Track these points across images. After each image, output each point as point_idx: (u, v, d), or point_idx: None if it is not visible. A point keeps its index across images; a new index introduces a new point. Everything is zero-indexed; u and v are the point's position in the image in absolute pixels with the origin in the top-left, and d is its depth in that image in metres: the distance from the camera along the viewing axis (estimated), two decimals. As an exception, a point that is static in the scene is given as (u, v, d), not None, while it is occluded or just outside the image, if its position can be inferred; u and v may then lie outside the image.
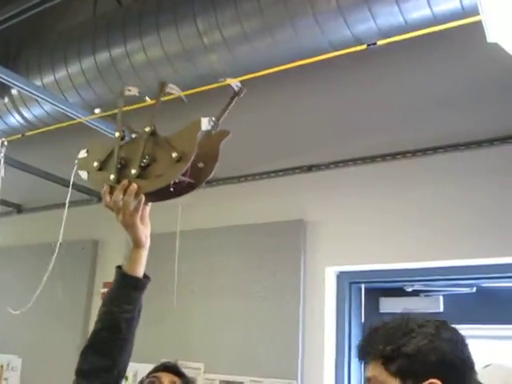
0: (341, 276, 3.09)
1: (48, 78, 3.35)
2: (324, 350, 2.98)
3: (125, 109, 1.72)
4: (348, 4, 2.60)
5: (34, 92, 2.85)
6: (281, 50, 2.83)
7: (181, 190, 1.55)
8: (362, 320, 3.15)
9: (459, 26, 2.45)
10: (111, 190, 1.50)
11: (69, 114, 2.99)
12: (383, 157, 3.04)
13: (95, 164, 1.60)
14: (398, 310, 3.11)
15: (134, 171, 1.51)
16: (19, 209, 4.46)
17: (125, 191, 1.48)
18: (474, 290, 2.95)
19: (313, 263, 3.07)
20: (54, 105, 2.90)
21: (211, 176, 1.57)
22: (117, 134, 1.59)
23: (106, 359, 1.48)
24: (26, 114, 3.56)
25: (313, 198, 3.16)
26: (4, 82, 2.77)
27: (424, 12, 2.54)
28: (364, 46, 2.10)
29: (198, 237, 3.30)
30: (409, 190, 2.98)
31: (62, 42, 3.39)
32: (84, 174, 1.64)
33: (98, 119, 2.98)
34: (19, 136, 3.00)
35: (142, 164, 1.51)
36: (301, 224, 3.12)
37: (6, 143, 2.74)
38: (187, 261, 3.23)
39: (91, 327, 3.69)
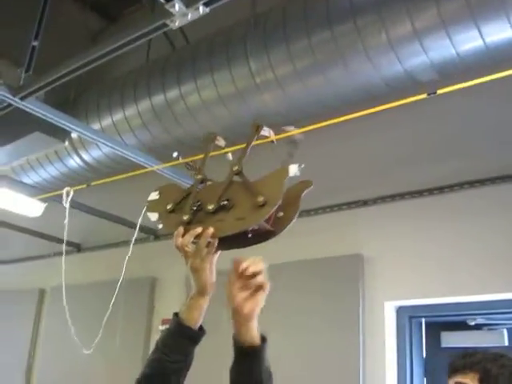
0: (400, 310, 3.04)
1: (106, 121, 3.48)
2: (386, 385, 2.93)
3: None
4: (398, 39, 2.63)
5: (93, 136, 2.95)
6: (333, 87, 2.87)
7: (256, 238, 1.46)
8: (424, 355, 3.08)
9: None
10: (184, 233, 1.43)
11: (128, 156, 3.07)
12: (440, 189, 3.02)
13: (168, 206, 1.55)
14: (461, 345, 3.04)
15: (211, 207, 1.45)
16: (79, 248, 4.59)
17: (198, 235, 1.40)
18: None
19: (371, 298, 3.04)
20: (113, 148, 2.99)
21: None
22: (198, 177, 1.55)
23: None
24: (86, 157, 3.69)
25: (370, 232, 3.15)
26: (64, 127, 2.89)
27: (476, 43, 2.55)
28: (424, 95, 2.09)
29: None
30: (466, 222, 2.94)
31: (118, 86, 3.52)
32: (154, 216, 1.57)
33: (170, 167, 3.04)
34: (84, 186, 3.08)
35: (221, 204, 1.45)
36: (358, 258, 3.10)
37: (71, 193, 2.83)
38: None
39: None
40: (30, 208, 3.49)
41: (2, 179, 3.46)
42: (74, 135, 3.62)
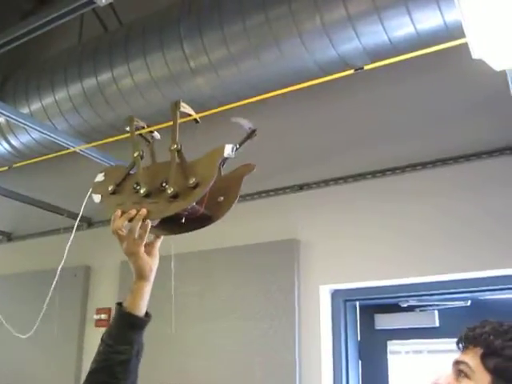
0: (335, 294, 3.08)
1: (35, 105, 3.36)
2: (321, 369, 2.96)
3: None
4: (332, 23, 2.63)
5: (22, 120, 2.84)
6: (267, 71, 2.85)
7: (193, 223, 1.44)
8: (358, 338, 3.13)
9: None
10: (121, 216, 1.40)
11: (58, 141, 2.97)
12: (373, 173, 3.06)
13: (110, 188, 1.52)
14: (394, 326, 3.10)
15: (145, 189, 1.43)
16: (9, 237, 4.43)
17: (132, 218, 1.37)
18: (469, 303, 2.95)
19: (307, 282, 3.05)
20: (43, 133, 2.88)
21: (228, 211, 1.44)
22: (135, 154, 1.51)
23: None
24: (14, 142, 3.55)
25: (305, 216, 3.16)
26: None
27: (408, 30, 2.57)
28: (351, 71, 2.10)
29: (192, 259, 3.30)
30: (400, 205, 2.98)
31: (48, 69, 3.40)
32: (97, 198, 1.55)
33: (91, 148, 2.97)
34: (5, 168, 2.97)
35: (157, 186, 1.42)
36: (294, 243, 3.11)
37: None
38: (183, 284, 3.20)
39: (84, 354, 3.69)
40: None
41: None
42: (1, 119, 3.47)
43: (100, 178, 1.61)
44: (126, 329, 1.37)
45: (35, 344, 3.59)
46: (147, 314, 1.41)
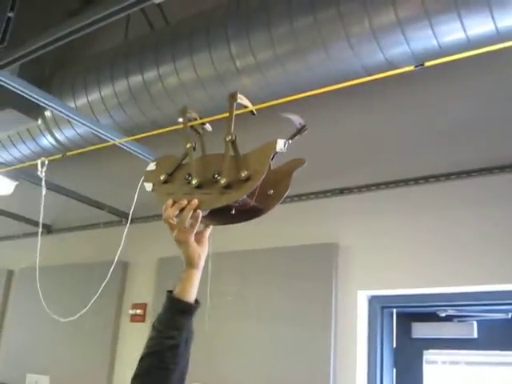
0: (372, 300, 3.05)
1: (81, 101, 3.40)
2: (356, 375, 2.94)
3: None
4: (381, 27, 2.61)
5: (70, 114, 2.88)
6: (314, 73, 2.84)
7: (243, 214, 1.47)
8: (394, 345, 3.10)
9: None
10: (172, 205, 1.44)
11: (101, 135, 3.01)
12: (416, 180, 3.03)
13: (162, 177, 1.56)
14: (431, 336, 3.06)
15: (197, 180, 1.46)
16: (49, 229, 4.50)
17: (183, 208, 1.42)
18: (510, 315, 2.90)
19: (345, 286, 3.04)
20: (89, 127, 2.92)
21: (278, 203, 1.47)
22: (188, 145, 1.54)
23: None
24: (59, 136, 3.60)
25: (345, 221, 3.15)
26: (39, 103, 2.82)
27: (458, 35, 2.54)
28: (412, 67, 2.08)
29: (230, 259, 3.30)
30: (443, 212, 2.95)
31: (95, 65, 3.44)
32: (149, 186, 1.58)
33: (133, 142, 3.00)
34: (59, 156, 3.02)
35: (209, 177, 1.46)
36: (333, 247, 3.10)
37: (46, 162, 2.77)
38: (219, 283, 3.21)
39: (119, 347, 3.73)
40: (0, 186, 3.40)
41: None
42: (47, 113, 3.54)
43: (152, 167, 1.64)
44: (175, 314, 1.41)
45: (73, 333, 3.65)
46: (196, 301, 1.45)
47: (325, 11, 2.68)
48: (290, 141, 1.48)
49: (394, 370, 3.05)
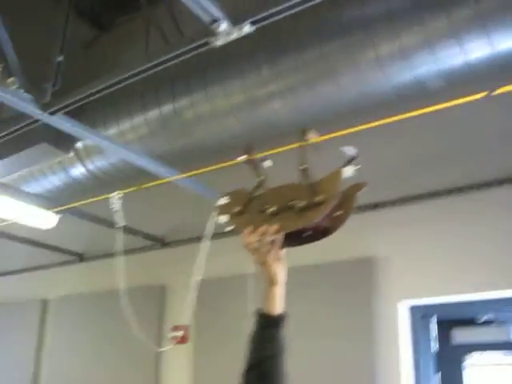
0: (413, 310, 3.15)
1: (113, 130, 3.47)
2: (400, 381, 3.02)
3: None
4: (410, 46, 2.71)
5: (113, 146, 2.94)
6: (344, 95, 2.93)
7: (311, 237, 1.63)
8: (436, 351, 3.19)
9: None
10: (252, 232, 1.59)
11: (143, 166, 3.08)
12: (449, 192, 3.13)
13: (237, 209, 1.71)
14: (470, 341, 3.16)
15: (275, 208, 1.62)
16: (81, 257, 4.55)
17: (264, 233, 1.57)
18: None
19: (384, 298, 3.13)
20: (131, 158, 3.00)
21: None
22: (261, 178, 1.70)
23: None
24: (90, 167, 3.67)
25: (381, 234, 3.25)
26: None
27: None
28: (484, 93, 2.20)
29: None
30: (473, 223, 3.07)
31: (124, 94, 3.51)
32: (225, 218, 1.74)
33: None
34: (135, 188, 3.11)
35: (285, 204, 1.61)
36: (370, 261, 3.19)
37: (120, 195, 2.85)
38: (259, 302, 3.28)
39: (162, 371, 3.78)
40: (43, 220, 3.46)
41: (8, 188, 3.42)
42: (79, 145, 3.60)
43: (224, 200, 1.79)
44: (264, 328, 1.58)
45: (115, 360, 3.69)
46: (282, 314, 1.61)
47: (354, 34, 2.78)
48: (354, 168, 1.62)
49: (439, 374, 3.14)
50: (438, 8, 2.60)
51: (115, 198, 2.90)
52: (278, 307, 1.60)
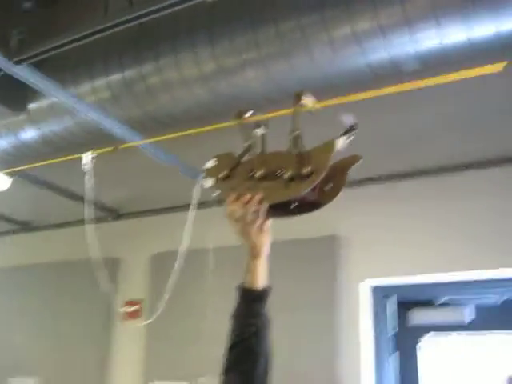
0: (375, 290, 3.17)
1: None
2: (360, 359, 3.04)
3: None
4: (389, 26, 2.68)
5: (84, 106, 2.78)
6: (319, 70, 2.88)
7: (300, 208, 1.55)
8: (394, 331, 3.23)
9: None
10: (236, 199, 1.50)
11: (108, 129, 2.93)
12: (412, 174, 3.15)
13: (222, 173, 1.60)
14: (426, 322, 3.21)
15: (260, 174, 1.53)
16: (28, 227, 4.31)
17: (247, 202, 1.47)
18: (502, 300, 3.08)
19: (346, 277, 3.14)
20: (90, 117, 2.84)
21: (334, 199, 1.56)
22: (248, 143, 1.61)
23: (243, 376, 1.48)
24: (42, 130, 3.46)
25: (344, 213, 3.22)
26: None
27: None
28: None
29: (231, 253, 3.30)
30: (435, 205, 3.11)
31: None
32: (210, 182, 1.64)
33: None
34: (110, 149, 2.93)
35: (271, 172, 1.52)
36: (333, 239, 3.18)
37: (92, 155, 2.69)
38: (219, 278, 3.22)
39: (113, 346, 3.65)
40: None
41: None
42: (31, 106, 3.39)
43: (211, 163, 1.69)
44: (249, 303, 1.52)
45: (62, 333, 3.54)
46: (266, 287, 1.57)
47: (334, 9, 2.73)
48: (348, 140, 1.55)
49: (397, 353, 3.17)
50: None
51: (88, 158, 2.72)
52: (261, 281, 1.55)
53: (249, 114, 1.73)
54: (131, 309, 3.57)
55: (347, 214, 3.23)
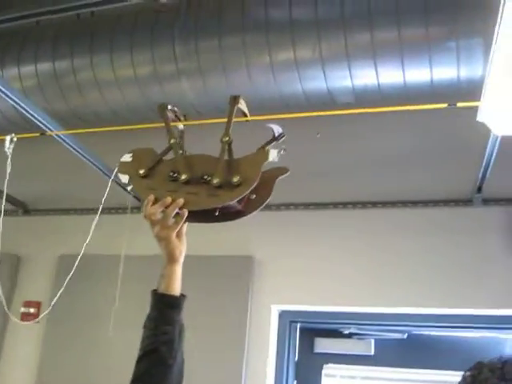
0: (283, 314, 3.16)
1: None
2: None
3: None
4: (328, 57, 2.72)
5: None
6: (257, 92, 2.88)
7: (225, 216, 1.50)
8: (296, 358, 3.23)
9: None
10: (155, 202, 1.44)
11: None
12: (334, 204, 3.20)
13: (141, 170, 1.53)
14: (332, 351, 3.25)
15: (185, 177, 1.49)
16: None
17: (167, 205, 1.42)
18: (405, 336, 3.17)
19: (259, 300, 3.11)
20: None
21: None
22: (172, 141, 1.55)
23: None
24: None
25: (262, 236, 3.22)
26: None
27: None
28: (445, 105, 2.20)
29: (142, 263, 3.20)
30: (351, 239, 3.16)
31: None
32: (125, 178, 1.56)
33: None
34: (37, 134, 2.74)
35: (197, 176, 1.47)
36: (249, 260, 3.16)
37: (15, 139, 2.50)
38: (127, 287, 3.09)
39: (5, 348, 3.42)
40: None
41: None
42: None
43: (127, 158, 1.61)
44: (164, 310, 1.43)
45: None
46: (182, 294, 1.48)
47: (279, 32, 2.74)
48: (282, 151, 1.54)
49: (295, 382, 3.18)
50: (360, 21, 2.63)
51: (8, 141, 2.55)
52: (177, 287, 1.47)
53: (169, 107, 1.69)
54: (28, 310, 3.37)
55: (265, 236, 3.23)
